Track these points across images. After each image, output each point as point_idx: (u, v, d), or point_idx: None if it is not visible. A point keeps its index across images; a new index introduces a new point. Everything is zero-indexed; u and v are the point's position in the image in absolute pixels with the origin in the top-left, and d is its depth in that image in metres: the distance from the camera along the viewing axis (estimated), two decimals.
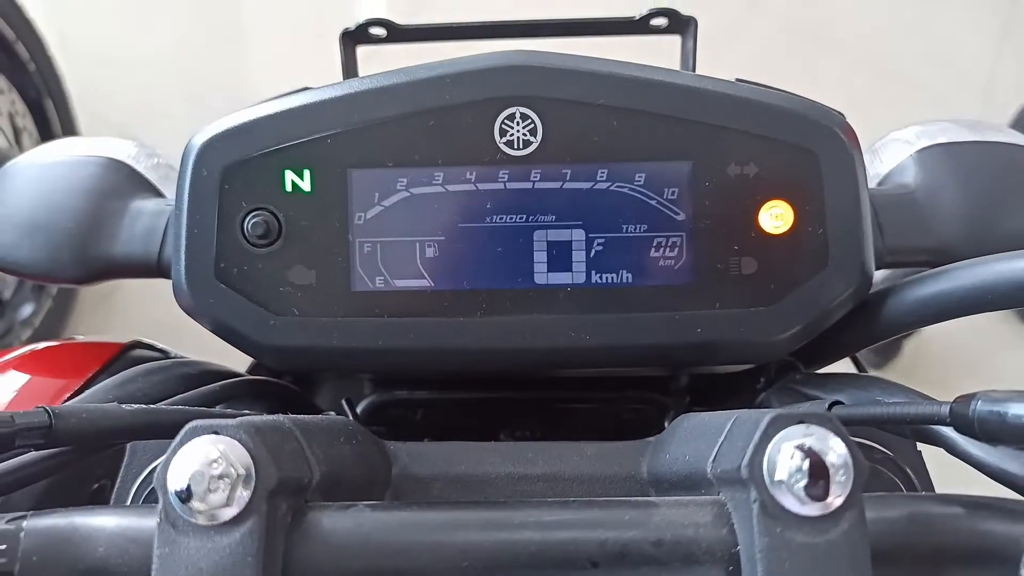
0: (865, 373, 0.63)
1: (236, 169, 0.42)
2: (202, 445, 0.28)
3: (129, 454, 0.45)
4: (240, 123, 0.43)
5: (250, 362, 0.66)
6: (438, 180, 0.42)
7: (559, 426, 0.65)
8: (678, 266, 0.42)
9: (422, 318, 0.43)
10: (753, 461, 0.28)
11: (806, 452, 0.28)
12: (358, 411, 0.60)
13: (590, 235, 0.42)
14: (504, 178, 0.42)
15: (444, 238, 0.43)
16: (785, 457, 0.28)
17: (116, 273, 0.49)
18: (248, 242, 0.42)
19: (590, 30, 0.62)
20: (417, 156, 0.42)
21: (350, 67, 0.63)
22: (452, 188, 0.42)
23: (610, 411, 0.66)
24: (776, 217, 0.42)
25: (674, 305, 0.42)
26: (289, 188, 0.42)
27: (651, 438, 0.41)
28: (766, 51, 1.88)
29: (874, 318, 0.43)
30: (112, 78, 1.79)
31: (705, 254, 0.42)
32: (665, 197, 0.42)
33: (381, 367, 0.49)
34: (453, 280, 0.43)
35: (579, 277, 0.42)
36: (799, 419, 0.28)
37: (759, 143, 0.42)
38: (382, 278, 0.43)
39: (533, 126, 0.42)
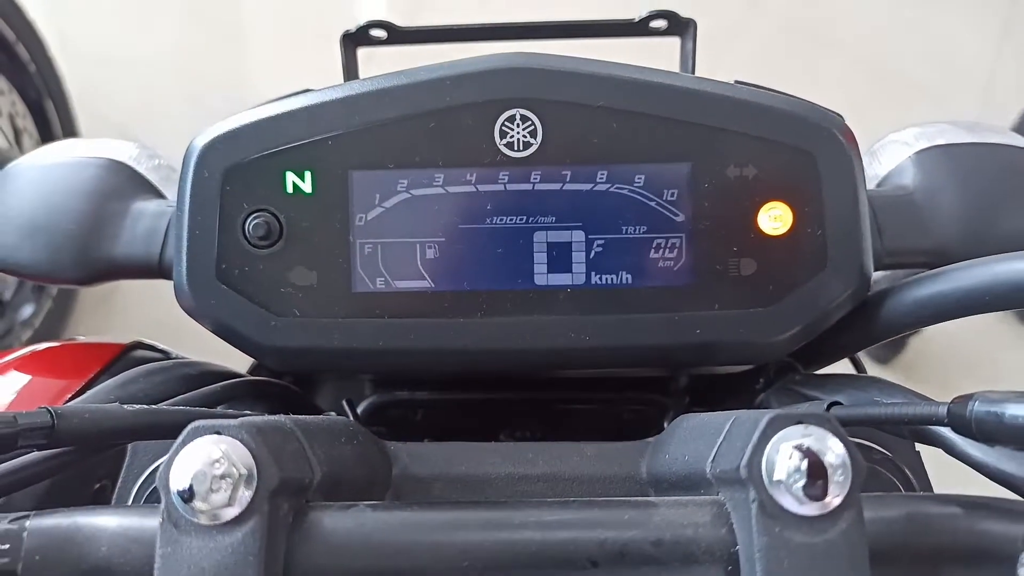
0: (864, 374, 0.64)
1: (237, 170, 0.43)
2: (204, 445, 0.28)
3: (130, 455, 0.46)
4: (241, 125, 0.43)
5: (250, 363, 0.66)
6: (438, 181, 0.43)
7: (559, 427, 0.65)
8: (677, 267, 0.42)
9: (422, 319, 0.43)
10: (752, 461, 0.28)
11: (804, 452, 0.28)
12: (358, 412, 0.61)
13: (590, 236, 0.43)
14: (504, 180, 0.42)
15: (444, 239, 0.43)
16: (784, 457, 0.28)
17: (117, 274, 0.49)
18: (249, 243, 0.43)
19: (590, 32, 0.62)
20: (418, 158, 0.42)
21: (351, 69, 0.63)
22: (452, 189, 0.43)
23: (610, 412, 0.66)
24: (775, 218, 0.42)
25: (673, 306, 0.42)
26: (290, 189, 0.43)
27: (650, 439, 0.42)
28: (766, 51, 1.88)
29: (873, 319, 0.43)
30: (112, 78, 1.79)
31: (704, 255, 0.42)
32: (664, 198, 0.42)
33: (382, 368, 0.50)
34: (453, 281, 0.43)
35: (579, 278, 0.43)
36: (798, 419, 0.29)
37: (758, 145, 0.42)
38: (383, 279, 0.43)
39: (533, 128, 0.42)
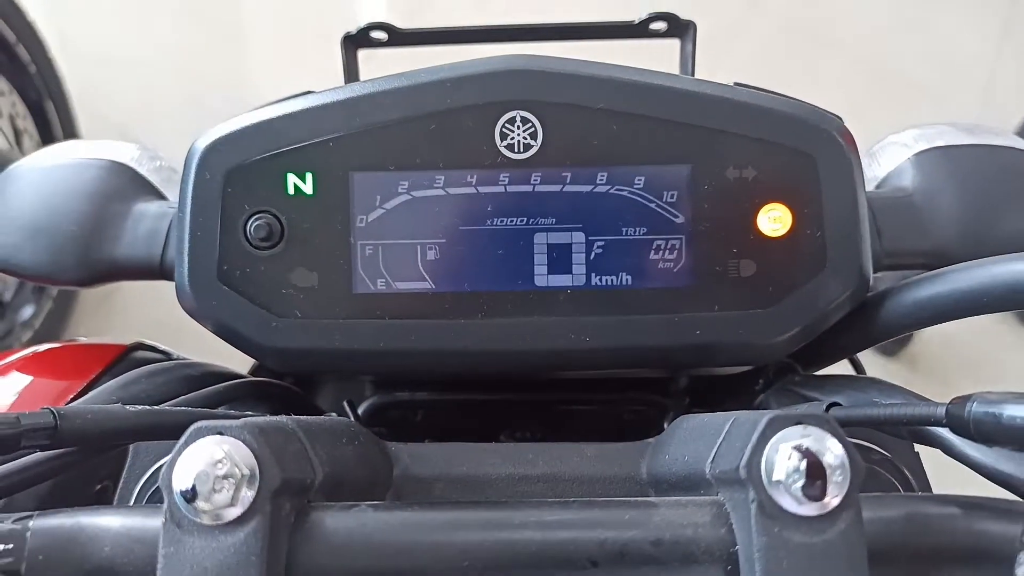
0: (863, 375, 0.64)
1: (239, 172, 0.43)
2: (207, 446, 0.29)
3: (132, 455, 0.46)
4: (243, 127, 0.43)
5: (251, 364, 0.67)
6: (439, 183, 0.43)
7: (559, 427, 0.65)
8: (677, 268, 0.43)
9: (423, 320, 0.43)
10: (751, 462, 0.29)
11: (803, 453, 0.28)
12: (359, 412, 0.61)
13: (590, 238, 0.43)
14: (505, 181, 0.43)
15: (445, 241, 0.43)
16: (783, 458, 0.28)
17: (119, 275, 0.49)
18: (251, 244, 0.43)
19: (589, 34, 0.62)
20: (418, 159, 0.42)
21: (351, 70, 0.63)
22: (453, 191, 0.43)
23: (610, 412, 0.66)
24: (774, 220, 0.42)
25: (673, 307, 0.43)
26: (291, 191, 0.43)
27: (650, 439, 0.42)
28: (766, 51, 1.88)
29: (872, 320, 0.44)
30: (112, 78, 1.79)
31: (704, 257, 0.42)
32: (664, 200, 0.43)
33: (382, 369, 0.50)
34: (454, 282, 0.43)
35: (579, 279, 0.43)
36: (797, 420, 0.29)
37: (757, 147, 0.42)
38: (383, 280, 0.43)
39: (533, 130, 0.42)
